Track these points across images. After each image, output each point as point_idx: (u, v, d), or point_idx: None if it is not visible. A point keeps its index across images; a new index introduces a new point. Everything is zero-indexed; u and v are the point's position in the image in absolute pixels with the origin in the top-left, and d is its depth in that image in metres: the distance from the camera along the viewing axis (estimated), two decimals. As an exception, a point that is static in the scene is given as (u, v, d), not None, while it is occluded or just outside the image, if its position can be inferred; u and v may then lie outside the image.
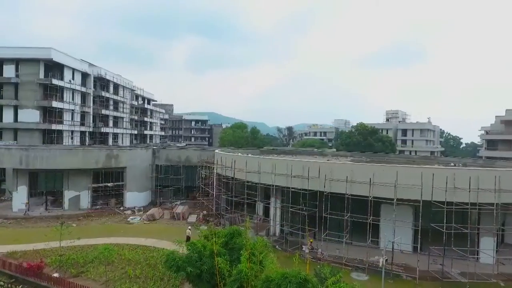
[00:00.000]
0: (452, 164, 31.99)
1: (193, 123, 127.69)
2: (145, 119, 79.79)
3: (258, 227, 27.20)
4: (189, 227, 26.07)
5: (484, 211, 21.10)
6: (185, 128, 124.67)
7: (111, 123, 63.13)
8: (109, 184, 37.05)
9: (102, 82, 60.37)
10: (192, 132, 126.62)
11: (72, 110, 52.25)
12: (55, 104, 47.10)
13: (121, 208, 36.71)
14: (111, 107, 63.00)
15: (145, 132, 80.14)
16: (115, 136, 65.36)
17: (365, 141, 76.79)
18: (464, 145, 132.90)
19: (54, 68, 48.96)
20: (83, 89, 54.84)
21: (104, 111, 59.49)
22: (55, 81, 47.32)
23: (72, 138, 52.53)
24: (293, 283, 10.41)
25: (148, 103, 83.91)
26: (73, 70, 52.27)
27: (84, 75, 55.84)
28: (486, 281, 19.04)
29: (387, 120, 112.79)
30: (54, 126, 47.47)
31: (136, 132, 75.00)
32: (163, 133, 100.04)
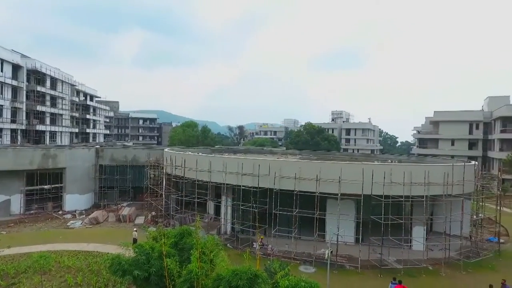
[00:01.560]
0: (389, 161, 34.67)
1: (141, 121, 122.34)
2: (88, 116, 74.66)
3: (209, 226, 27.03)
4: (135, 229, 25.05)
5: (416, 203, 23.28)
6: (132, 126, 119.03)
7: (48, 121, 58.05)
8: (45, 187, 34.11)
9: (37, 76, 55.20)
10: (140, 131, 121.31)
11: (1, 105, 47.12)
12: (-21, 98, 42.14)
13: (60, 212, 34.07)
14: (48, 103, 57.87)
15: (88, 130, 75.00)
16: (53, 134, 60.27)
17: (312, 140, 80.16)
18: (399, 143, 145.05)
19: (-22, 58, 43.76)
20: (14, 83, 49.70)
21: (39, 108, 54.48)
22: (-21, 73, 42.33)
23: (1, 136, 47.38)
24: (243, 279, 10.56)
25: (91, 100, 78.58)
26: (2, 61, 47.15)
27: (16, 67, 50.62)
28: (417, 266, 21.00)
29: (333, 120, 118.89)
30: (-22, 123, 42.47)
31: (77, 130, 69.92)
32: (108, 132, 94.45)
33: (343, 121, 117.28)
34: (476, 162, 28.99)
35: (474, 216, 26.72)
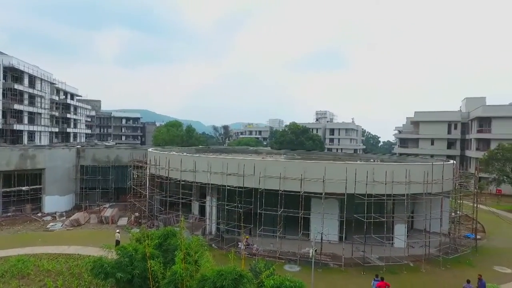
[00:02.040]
0: (371, 160, 35.30)
1: (123, 120, 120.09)
2: (68, 115, 72.72)
3: (193, 226, 26.84)
4: (118, 231, 24.60)
5: (397, 201, 23.84)
6: (115, 126, 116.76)
7: (26, 120, 56.22)
8: (23, 188, 33.02)
9: (14, 73, 53.36)
10: (123, 131, 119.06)
11: (-25, 104, 45.34)
12: (-48, 96, 40.38)
13: (39, 214, 33.08)
14: (26, 102, 56.07)
15: (68, 130, 73.07)
16: (31, 134, 58.41)
17: (297, 140, 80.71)
18: (381, 143, 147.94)
19: (-50, 54, 41.89)
20: (-10, 81, 47.93)
21: (17, 106, 52.68)
22: (-48, 70, 40.54)
23: (-25, 136, 45.58)
24: (228, 280, 10.57)
25: (72, 98, 76.59)
26: (-24, 58, 45.36)
27: (-9, 65, 48.80)
28: (399, 262, 21.51)
29: (317, 120, 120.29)
30: (-50, 123, 40.67)
31: (57, 130, 67.96)
32: (89, 131, 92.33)
33: (327, 121, 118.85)
34: (454, 161, 29.89)
35: (453, 214, 27.59)
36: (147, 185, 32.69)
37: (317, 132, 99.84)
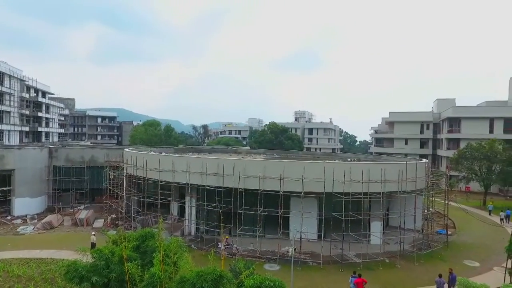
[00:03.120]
0: (349, 159, 36.06)
1: (99, 119, 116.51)
2: (40, 114, 69.79)
3: (172, 227, 26.50)
4: (93, 233, 23.92)
5: (373, 199, 24.49)
6: (90, 125, 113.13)
7: (-7, 118, 53.59)
8: (-9, 190, 31.48)
9: (-20, 69, 50.69)
10: (99, 130, 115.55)
11: None
12: None
13: (8, 218, 31.62)
14: (-7, 99, 53.46)
15: (40, 129, 70.16)
16: (0, 133, 55.70)
17: (276, 139, 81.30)
18: (358, 142, 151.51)
19: None
20: (-47, 77, 45.26)
21: (-17, 104, 50.11)
22: None
23: None
24: (208, 281, 10.49)
25: (43, 96, 73.55)
26: None
27: (-46, 60, 46.06)
28: (375, 259, 22.10)
29: (296, 119, 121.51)
30: None
31: (27, 129, 65.12)
32: (62, 131, 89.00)
33: (306, 121, 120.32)
34: (427, 160, 31.03)
35: (425, 211, 28.64)
36: (124, 186, 31.94)
37: (296, 131, 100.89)
